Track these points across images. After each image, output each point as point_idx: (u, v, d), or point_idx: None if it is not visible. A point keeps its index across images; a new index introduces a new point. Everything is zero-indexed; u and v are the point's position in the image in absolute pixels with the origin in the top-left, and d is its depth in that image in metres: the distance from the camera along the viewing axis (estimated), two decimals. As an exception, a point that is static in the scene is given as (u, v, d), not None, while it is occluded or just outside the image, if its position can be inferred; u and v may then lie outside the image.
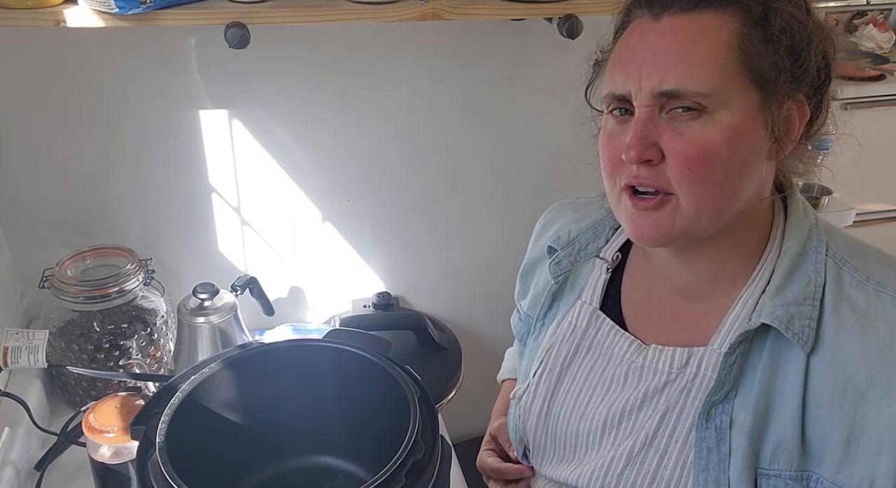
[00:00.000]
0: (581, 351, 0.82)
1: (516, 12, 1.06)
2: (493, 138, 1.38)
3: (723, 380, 0.70)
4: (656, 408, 0.74)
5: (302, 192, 1.33)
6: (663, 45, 0.66)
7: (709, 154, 0.65)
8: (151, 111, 1.19)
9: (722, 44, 0.65)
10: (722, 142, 0.65)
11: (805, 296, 0.69)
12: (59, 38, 1.09)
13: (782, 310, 0.68)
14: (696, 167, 0.66)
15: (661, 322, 0.78)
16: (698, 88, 0.64)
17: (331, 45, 1.21)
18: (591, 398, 0.80)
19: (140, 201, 1.26)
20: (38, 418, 1.08)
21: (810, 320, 0.68)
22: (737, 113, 0.66)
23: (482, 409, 1.54)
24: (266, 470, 0.87)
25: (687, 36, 0.66)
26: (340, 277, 1.44)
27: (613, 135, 0.71)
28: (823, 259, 0.71)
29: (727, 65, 0.65)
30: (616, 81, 0.69)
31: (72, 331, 1.15)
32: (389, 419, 0.75)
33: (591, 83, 0.81)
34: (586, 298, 0.84)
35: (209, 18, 0.94)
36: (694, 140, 0.65)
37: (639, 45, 0.68)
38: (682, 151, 0.66)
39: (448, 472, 0.73)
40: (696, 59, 0.65)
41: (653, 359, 0.76)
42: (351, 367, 0.82)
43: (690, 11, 0.66)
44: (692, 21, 0.66)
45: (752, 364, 0.70)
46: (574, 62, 1.35)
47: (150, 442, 0.70)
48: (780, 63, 0.66)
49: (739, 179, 0.68)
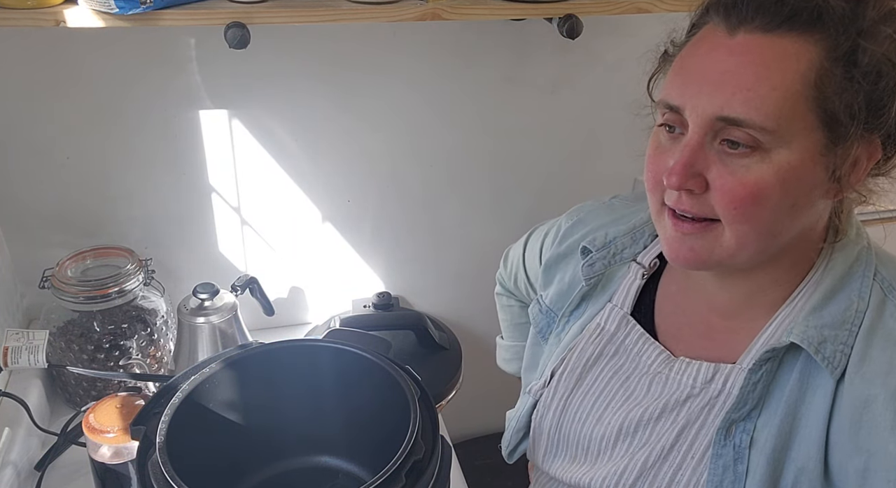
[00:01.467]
0: (606, 354, 0.80)
1: (516, 12, 1.06)
2: (493, 138, 1.38)
3: (745, 397, 0.68)
4: (675, 421, 0.72)
5: (302, 192, 1.33)
6: (732, 66, 0.60)
7: (759, 196, 0.61)
8: (151, 111, 1.19)
9: (798, 75, 0.59)
10: (776, 184, 0.61)
11: (843, 320, 0.66)
12: (59, 38, 1.09)
13: (815, 331, 0.65)
14: (743, 207, 0.62)
15: (692, 336, 0.76)
16: (763, 122, 0.59)
17: (331, 45, 1.21)
18: (609, 402, 0.78)
19: (140, 201, 1.26)
20: (38, 418, 1.08)
21: (844, 346, 0.65)
22: (797, 153, 0.61)
23: (482, 409, 1.54)
24: (266, 470, 0.87)
25: (761, 60, 0.60)
26: (340, 277, 1.44)
27: (661, 151, 0.67)
28: (870, 283, 0.68)
29: (799, 100, 0.59)
30: (672, 92, 0.65)
31: (72, 331, 1.15)
32: (389, 419, 0.75)
33: (654, 75, 0.75)
34: (618, 302, 0.82)
35: (209, 18, 0.94)
36: (745, 180, 0.61)
37: (706, 59, 0.62)
38: (731, 190, 0.62)
39: (448, 472, 0.73)
40: (767, 88, 0.59)
41: (678, 372, 0.74)
42: (351, 367, 0.82)
43: (771, 32, 0.60)
44: (770, 43, 0.60)
45: (779, 384, 0.68)
46: (574, 62, 1.36)
47: (150, 442, 0.70)
48: (857, 107, 0.60)
49: (788, 219, 0.64)
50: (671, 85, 0.66)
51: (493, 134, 1.38)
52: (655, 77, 0.75)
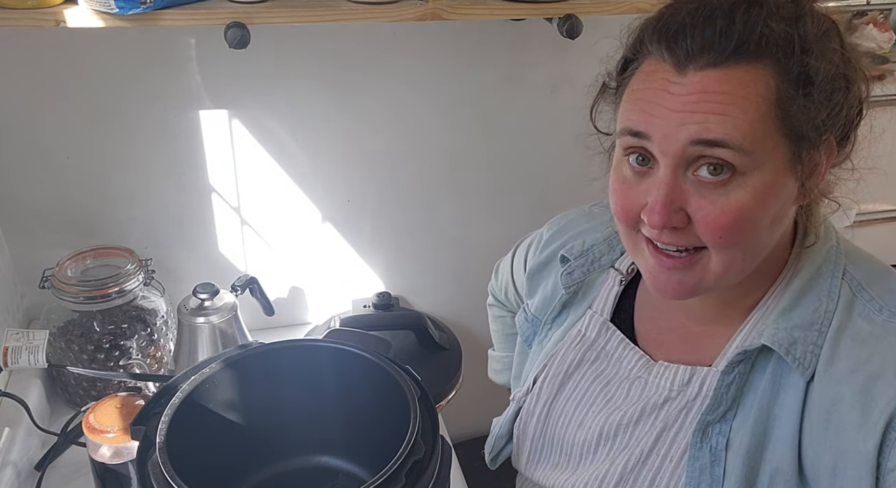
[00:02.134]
0: (587, 360, 0.81)
1: (516, 12, 1.06)
2: (493, 138, 1.38)
3: (719, 399, 0.68)
4: (653, 425, 0.73)
5: (302, 192, 1.33)
6: (695, 98, 0.60)
7: (743, 221, 0.61)
8: (151, 111, 1.19)
9: (761, 98, 0.59)
10: (755, 205, 0.61)
11: (813, 321, 0.66)
12: (59, 38, 1.09)
13: (785, 332, 0.66)
14: (728, 234, 0.62)
15: (671, 340, 0.77)
16: (741, 142, 0.59)
17: (331, 45, 1.21)
18: (590, 407, 0.79)
19: (140, 201, 1.26)
20: (38, 418, 1.08)
21: (814, 346, 0.65)
22: (769, 172, 0.61)
23: (482, 409, 1.54)
24: (266, 470, 0.87)
25: (721, 89, 0.59)
26: (340, 277, 1.44)
27: (629, 186, 0.66)
28: (839, 283, 0.68)
29: (767, 121, 0.59)
30: (635, 118, 0.63)
31: (72, 332, 1.15)
32: (389, 419, 0.75)
33: (595, 104, 0.76)
34: (597, 309, 0.82)
35: (209, 18, 0.94)
36: (727, 208, 0.61)
37: (663, 93, 0.61)
38: (714, 220, 0.61)
39: (448, 472, 0.73)
40: (737, 111, 0.59)
41: (656, 375, 0.74)
42: (351, 367, 0.82)
43: (721, 65, 0.59)
44: (726, 74, 0.59)
45: (752, 386, 0.68)
46: (574, 62, 1.35)
47: (151, 443, 0.70)
48: (817, 118, 0.61)
49: (768, 235, 0.65)
50: (632, 113, 0.64)
51: (492, 134, 1.38)
52: (596, 107, 0.75)
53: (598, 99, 0.75)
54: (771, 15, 0.60)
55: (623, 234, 0.70)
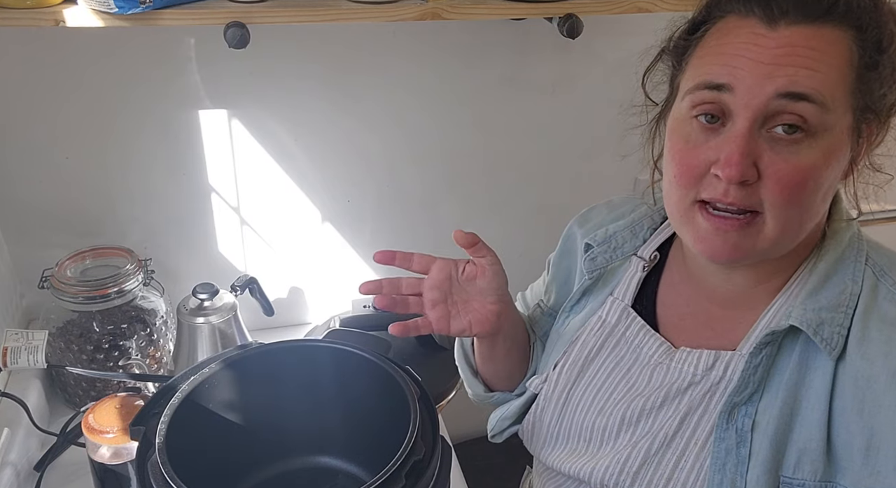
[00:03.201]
0: (608, 346, 0.81)
1: (516, 12, 1.06)
2: (493, 138, 1.38)
3: (746, 381, 0.69)
4: (677, 409, 0.73)
5: (302, 192, 1.33)
6: (785, 51, 0.61)
7: (811, 180, 0.62)
8: (151, 111, 1.19)
9: (844, 61, 0.61)
10: (824, 167, 0.63)
11: (839, 303, 0.67)
12: (58, 37, 1.09)
13: (813, 314, 0.67)
14: (796, 192, 0.63)
15: (694, 326, 0.77)
16: (826, 97, 0.61)
17: (331, 44, 1.21)
18: (611, 394, 0.79)
19: (140, 201, 1.26)
20: (37, 418, 1.08)
21: (841, 327, 0.66)
22: (836, 136, 0.63)
23: (482, 409, 1.54)
24: (266, 470, 0.87)
25: (812, 45, 0.61)
26: (340, 277, 1.44)
27: (696, 144, 0.66)
28: (862, 267, 0.70)
29: (844, 84, 0.62)
30: (717, 71, 0.63)
31: (71, 332, 1.15)
32: (389, 419, 0.75)
33: (649, 70, 0.75)
34: (618, 295, 0.82)
35: (209, 18, 0.94)
36: (799, 165, 0.62)
37: (751, 47, 0.62)
38: (786, 176, 0.62)
39: (448, 473, 0.73)
40: (825, 68, 0.61)
41: (679, 361, 0.74)
42: (351, 368, 0.82)
43: (813, 23, 0.61)
44: (817, 32, 0.61)
45: (779, 368, 0.69)
46: (574, 62, 1.35)
47: (150, 443, 0.70)
48: (880, 90, 0.63)
49: (822, 203, 0.66)
50: (713, 66, 0.64)
51: (492, 134, 1.38)
52: (650, 72, 0.75)
53: (654, 64, 0.74)
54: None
55: (675, 201, 0.69)
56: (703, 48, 0.66)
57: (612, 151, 1.43)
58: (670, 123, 0.70)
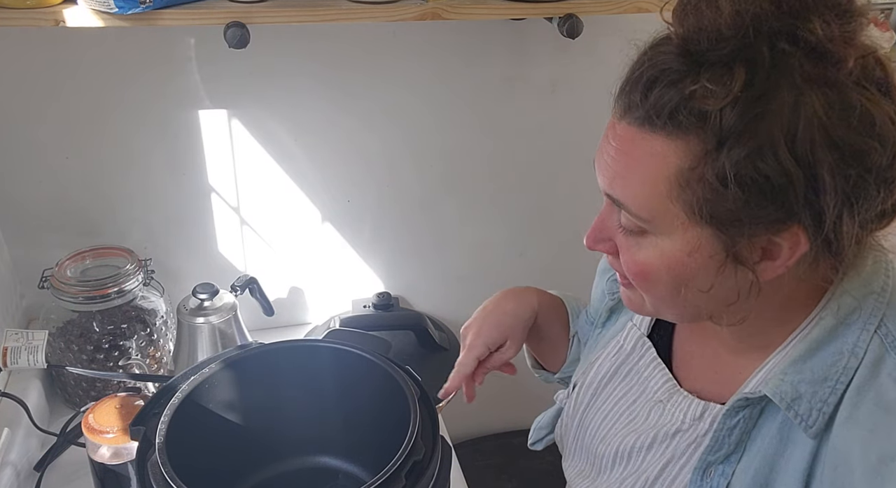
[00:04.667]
0: (620, 373, 0.80)
1: (516, 12, 1.06)
2: (493, 138, 1.38)
3: (721, 441, 0.65)
4: (662, 454, 0.72)
5: (302, 192, 1.33)
6: (614, 151, 0.60)
7: (649, 274, 0.62)
8: (151, 111, 1.19)
9: (663, 177, 0.57)
10: (661, 268, 0.61)
11: (826, 376, 0.60)
12: (58, 37, 1.09)
13: (790, 386, 0.61)
14: (639, 280, 0.64)
15: (701, 366, 0.75)
16: (637, 210, 0.60)
17: (331, 44, 1.21)
18: (615, 424, 0.79)
19: (140, 201, 1.26)
20: (37, 418, 1.08)
21: (824, 403, 0.60)
22: (680, 244, 0.59)
23: (482, 410, 1.54)
24: (266, 470, 0.87)
25: (632, 154, 0.59)
26: (340, 277, 1.44)
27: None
28: (869, 336, 0.61)
29: (668, 199, 0.57)
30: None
31: (71, 332, 1.15)
32: (389, 419, 0.75)
33: None
34: (637, 322, 0.81)
35: (209, 18, 0.94)
36: (636, 259, 0.63)
37: (606, 134, 0.62)
38: (625, 263, 0.64)
39: (448, 473, 0.73)
40: (637, 181, 0.59)
41: (675, 404, 0.72)
42: (351, 368, 0.82)
43: (641, 127, 0.57)
44: (642, 139, 0.57)
45: (762, 433, 0.64)
46: (574, 62, 1.35)
47: (150, 443, 0.70)
48: (744, 208, 0.55)
49: (693, 294, 0.62)
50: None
51: (492, 134, 1.38)
52: None
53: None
54: (695, 94, 0.54)
55: None
56: None
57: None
58: None
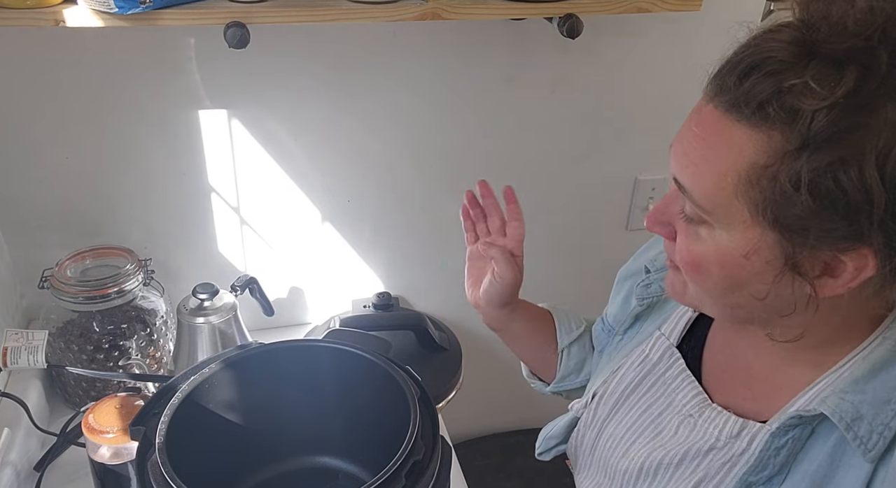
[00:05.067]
0: (645, 384, 0.78)
1: (516, 12, 1.06)
2: (493, 138, 1.38)
3: (765, 461, 0.63)
4: (694, 472, 0.69)
5: (302, 192, 1.33)
6: (693, 136, 0.58)
7: (700, 267, 0.61)
8: (151, 111, 1.19)
9: (732, 171, 0.55)
10: (714, 263, 0.60)
11: (889, 399, 0.59)
12: (58, 37, 1.09)
13: (850, 406, 0.59)
14: (689, 271, 0.62)
15: (733, 382, 0.72)
16: (700, 199, 0.58)
17: (331, 44, 1.21)
18: (638, 437, 0.76)
19: (140, 201, 1.26)
20: (37, 418, 1.08)
21: (885, 427, 0.58)
22: (738, 242, 0.58)
23: (482, 410, 1.54)
24: (266, 470, 0.87)
25: (709, 141, 0.57)
26: (340, 277, 1.44)
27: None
28: None
29: (735, 194, 0.56)
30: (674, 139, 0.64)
31: (71, 332, 1.15)
32: (389, 419, 0.75)
33: None
34: (666, 331, 0.78)
35: (209, 18, 0.94)
36: (690, 248, 0.61)
37: (689, 118, 0.60)
38: (679, 251, 0.63)
39: (448, 473, 0.73)
40: (708, 170, 0.57)
41: (707, 419, 0.70)
42: (351, 367, 0.82)
43: (727, 114, 0.55)
44: (724, 126, 0.55)
45: (809, 455, 0.62)
46: (574, 62, 1.35)
47: (150, 443, 0.70)
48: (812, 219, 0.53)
49: (746, 299, 0.61)
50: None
51: (492, 134, 1.38)
52: None
53: None
54: (793, 89, 0.51)
55: None
56: None
57: (612, 151, 1.43)
58: None
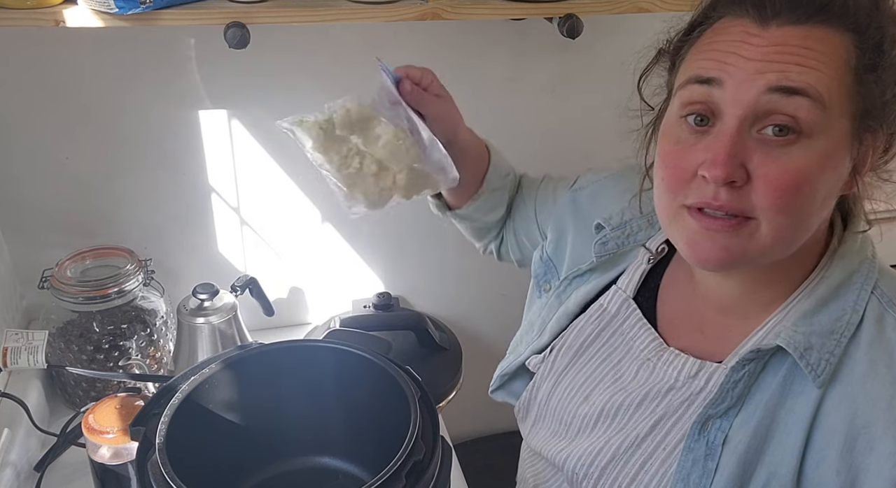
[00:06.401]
0: (604, 335, 0.81)
1: (516, 12, 1.06)
2: (493, 138, 1.37)
3: (724, 395, 0.67)
4: (654, 412, 0.73)
5: (302, 192, 1.33)
6: (776, 50, 0.59)
7: (803, 184, 0.59)
8: (151, 111, 1.18)
9: (840, 62, 0.59)
10: (817, 171, 0.60)
11: (833, 330, 0.65)
12: (58, 38, 1.09)
13: (802, 337, 0.64)
14: (787, 196, 0.60)
15: (687, 327, 0.77)
16: (820, 93, 0.58)
17: (331, 44, 1.21)
18: (598, 383, 0.79)
19: (140, 201, 1.26)
20: (37, 419, 1.08)
21: (830, 355, 0.64)
22: (832, 140, 0.60)
23: (482, 410, 1.54)
24: (266, 470, 0.87)
25: (806, 45, 0.59)
26: (340, 277, 1.43)
27: (685, 146, 0.64)
28: (867, 297, 0.66)
29: (841, 84, 0.59)
30: (707, 67, 0.61)
31: (71, 332, 1.15)
32: (390, 420, 0.75)
33: (646, 72, 0.74)
34: (622, 285, 0.82)
35: (209, 18, 0.94)
36: (791, 167, 0.59)
37: (742, 45, 0.60)
38: (777, 178, 0.59)
39: (448, 473, 0.73)
40: (819, 66, 0.58)
41: (665, 362, 0.74)
42: (351, 368, 0.82)
43: (805, 23, 0.59)
44: (807, 33, 0.59)
45: (761, 386, 0.67)
46: (574, 62, 1.35)
47: (150, 443, 0.70)
48: (883, 96, 0.60)
49: (819, 211, 0.63)
50: (704, 61, 0.62)
51: (492, 134, 1.37)
52: (647, 75, 0.74)
53: (650, 67, 0.73)
54: None
55: (665, 205, 0.67)
56: (697, 47, 0.65)
57: (611, 151, 1.42)
58: (662, 127, 0.69)
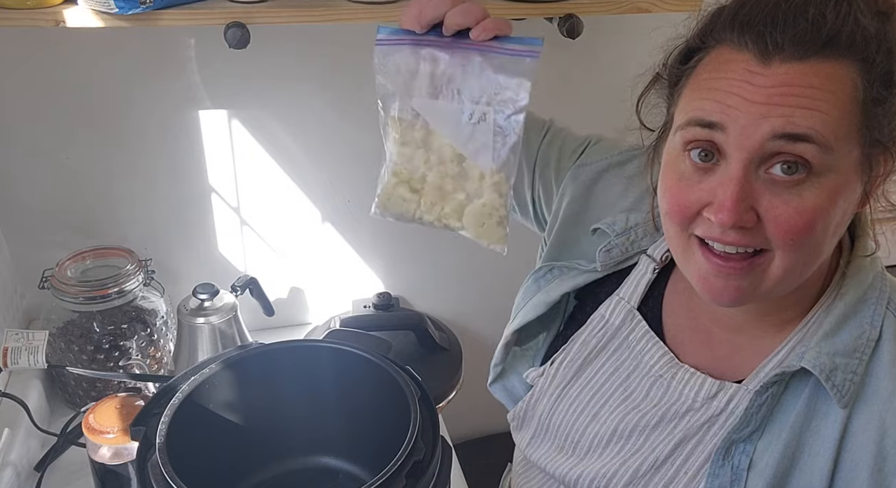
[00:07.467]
0: (609, 348, 0.78)
1: (516, 12, 1.06)
2: (494, 138, 1.38)
3: (749, 419, 0.66)
4: (672, 434, 0.71)
5: (302, 193, 1.33)
6: (779, 90, 0.56)
7: (817, 222, 0.58)
8: (151, 111, 1.19)
9: (847, 97, 0.57)
10: (830, 206, 0.58)
11: (854, 348, 0.64)
12: (58, 38, 1.09)
13: (827, 358, 0.63)
14: (800, 236, 0.59)
15: (695, 342, 0.74)
16: (827, 138, 0.56)
17: (331, 44, 1.21)
18: (607, 400, 0.77)
19: (140, 201, 1.26)
20: (37, 419, 1.08)
21: (854, 374, 0.63)
22: (842, 173, 0.58)
23: (483, 410, 1.54)
24: (266, 470, 0.87)
25: (808, 84, 0.56)
26: (340, 277, 1.43)
27: (689, 183, 0.62)
28: (883, 311, 0.65)
29: (851, 121, 0.57)
30: (709, 108, 0.59)
31: (72, 332, 1.15)
32: (390, 420, 0.75)
33: (643, 96, 0.72)
34: (625, 295, 0.78)
35: (209, 18, 0.94)
36: (803, 209, 0.58)
37: (745, 85, 0.58)
38: (788, 220, 0.58)
39: (448, 473, 0.73)
40: (825, 107, 0.56)
41: (680, 381, 0.72)
42: (351, 368, 0.82)
43: (810, 58, 0.56)
44: (815, 68, 0.56)
45: (785, 408, 0.66)
46: (574, 62, 1.35)
47: (150, 443, 0.70)
48: (892, 124, 0.59)
49: (833, 238, 0.62)
50: (705, 102, 0.60)
51: (493, 134, 1.37)
52: (644, 98, 0.72)
53: (647, 91, 0.71)
54: (861, 10, 0.57)
55: (673, 236, 0.66)
56: (696, 81, 0.63)
57: (612, 151, 1.43)
58: (665, 155, 0.67)
